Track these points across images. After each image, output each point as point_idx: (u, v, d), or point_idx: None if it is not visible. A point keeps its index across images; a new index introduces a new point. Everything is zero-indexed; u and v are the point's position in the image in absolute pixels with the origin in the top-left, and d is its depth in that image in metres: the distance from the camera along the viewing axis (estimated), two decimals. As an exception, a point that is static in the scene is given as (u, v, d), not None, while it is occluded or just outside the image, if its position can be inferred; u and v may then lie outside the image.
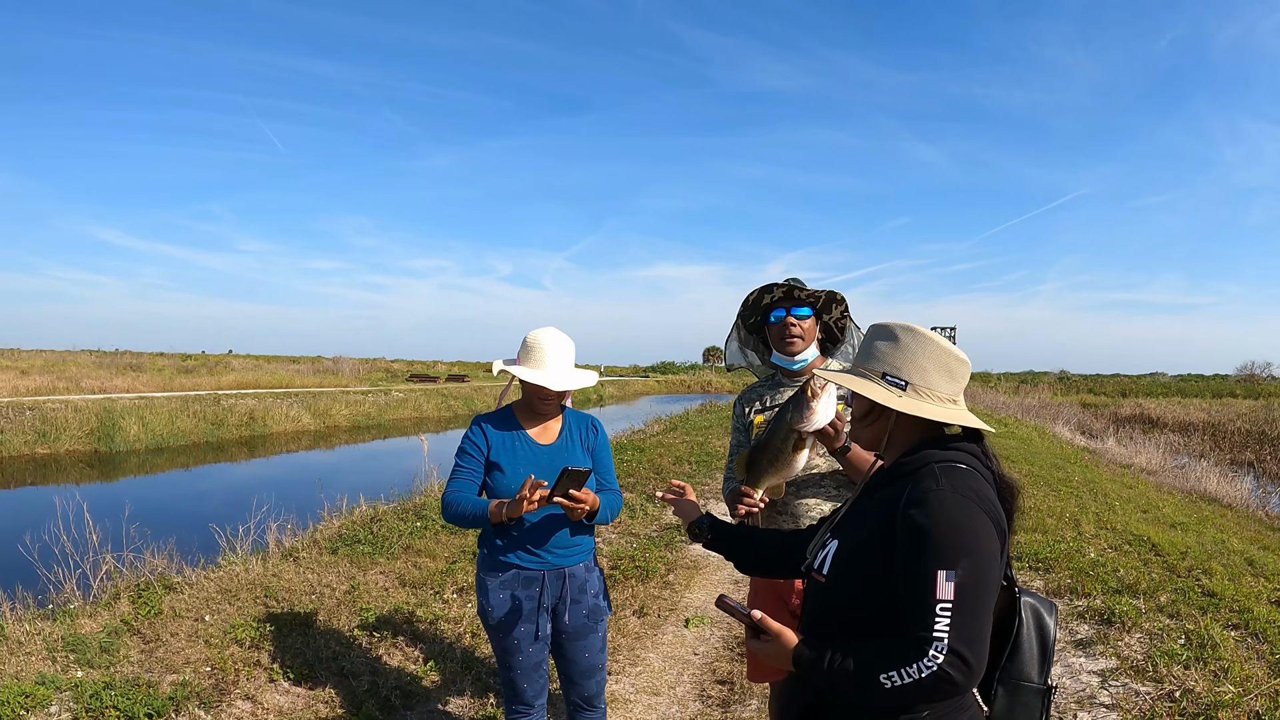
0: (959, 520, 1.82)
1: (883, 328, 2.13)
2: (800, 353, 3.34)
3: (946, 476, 1.89)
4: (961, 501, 1.84)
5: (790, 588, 3.38)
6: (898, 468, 2.02)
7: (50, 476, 19.42)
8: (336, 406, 34.99)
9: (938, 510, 1.83)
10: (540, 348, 3.40)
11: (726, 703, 5.02)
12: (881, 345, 2.10)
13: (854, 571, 1.98)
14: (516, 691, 3.55)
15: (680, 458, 15.64)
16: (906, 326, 2.09)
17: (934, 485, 1.87)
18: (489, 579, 3.45)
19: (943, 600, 1.76)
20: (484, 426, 3.50)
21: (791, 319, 3.30)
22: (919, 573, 1.80)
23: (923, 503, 1.85)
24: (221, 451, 24.95)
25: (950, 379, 2.06)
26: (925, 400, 2.03)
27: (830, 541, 2.11)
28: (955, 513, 1.82)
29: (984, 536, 1.83)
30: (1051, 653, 2.03)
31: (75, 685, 4.32)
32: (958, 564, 1.78)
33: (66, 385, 33.28)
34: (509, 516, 3.19)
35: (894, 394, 2.03)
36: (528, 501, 3.11)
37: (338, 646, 5.22)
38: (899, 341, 2.07)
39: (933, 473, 1.90)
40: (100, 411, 24.52)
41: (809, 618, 2.12)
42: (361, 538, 7.81)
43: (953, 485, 1.86)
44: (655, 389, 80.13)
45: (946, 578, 1.77)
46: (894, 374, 2.05)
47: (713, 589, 7.43)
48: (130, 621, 5.25)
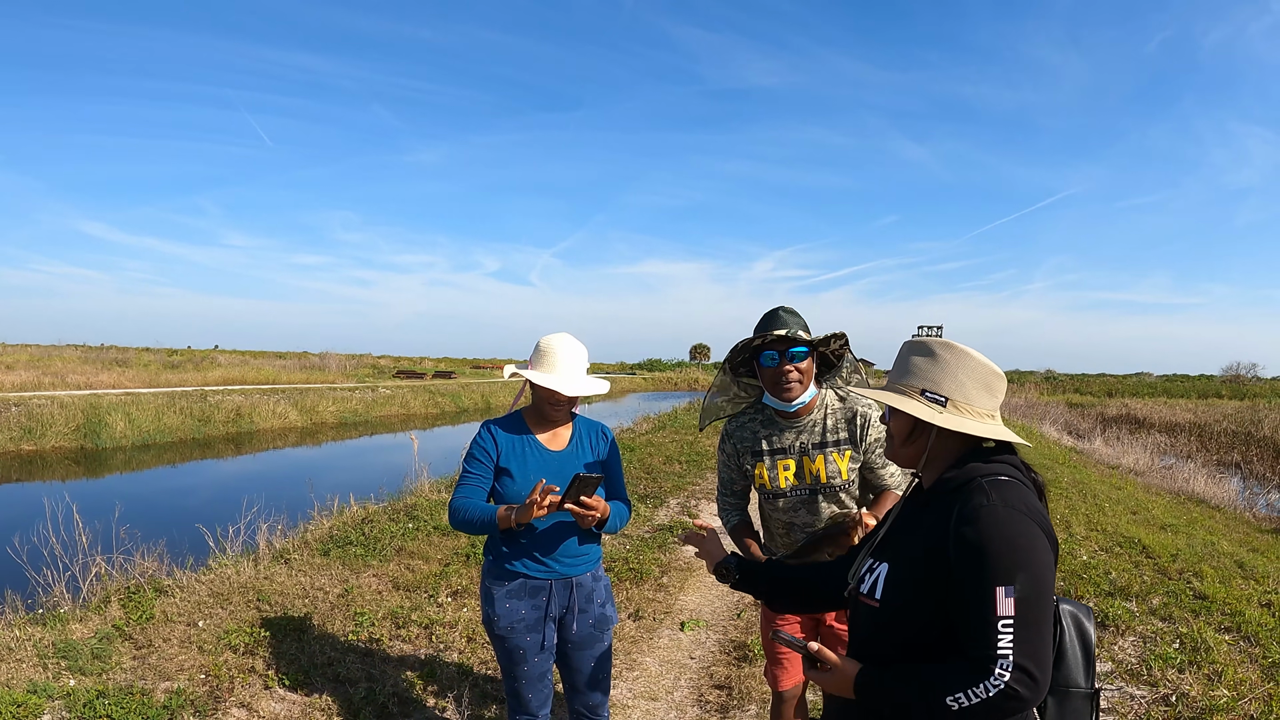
0: (1013, 534, 1.81)
1: (920, 344, 2.12)
2: (798, 397, 3.18)
3: (996, 491, 1.87)
4: (1014, 515, 1.83)
5: None
6: (941, 484, 2.01)
7: (36, 474, 19.27)
8: (324, 403, 34.82)
9: (991, 526, 1.82)
10: (553, 352, 3.37)
11: (725, 708, 5.00)
12: (920, 361, 2.09)
13: (909, 594, 1.95)
14: (521, 701, 3.52)
15: (670, 457, 15.62)
16: (944, 343, 2.09)
17: (984, 500, 1.85)
18: (495, 587, 3.42)
19: (1004, 617, 1.76)
20: (494, 431, 3.46)
21: (789, 366, 3.11)
22: (978, 590, 1.80)
23: (975, 519, 1.84)
24: (208, 448, 24.81)
25: (989, 394, 2.05)
26: (966, 416, 2.02)
27: (878, 565, 2.08)
28: (1009, 527, 1.81)
29: (1039, 549, 1.82)
30: (1094, 656, 2.03)
31: (68, 694, 4.26)
32: (1016, 578, 1.77)
33: (52, 380, 33.09)
34: (518, 522, 3.16)
35: (935, 410, 2.02)
36: (538, 507, 3.09)
37: (333, 652, 5.18)
38: (937, 357, 2.07)
39: (981, 488, 1.89)
40: (86, 408, 24.36)
41: (861, 643, 2.09)
42: (353, 539, 7.77)
43: (1003, 499, 1.85)
44: (643, 386, 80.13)
45: (1006, 593, 1.77)
46: (933, 390, 2.05)
47: (708, 591, 7.42)
48: (122, 627, 5.20)
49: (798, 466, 3.26)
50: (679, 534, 9.21)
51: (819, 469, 3.23)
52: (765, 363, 3.15)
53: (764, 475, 3.30)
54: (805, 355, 3.14)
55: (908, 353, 2.13)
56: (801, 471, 3.25)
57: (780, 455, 3.28)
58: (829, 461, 3.23)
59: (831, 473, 3.23)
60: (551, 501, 3.13)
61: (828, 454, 3.23)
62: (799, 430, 3.26)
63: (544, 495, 3.09)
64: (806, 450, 3.25)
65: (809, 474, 3.24)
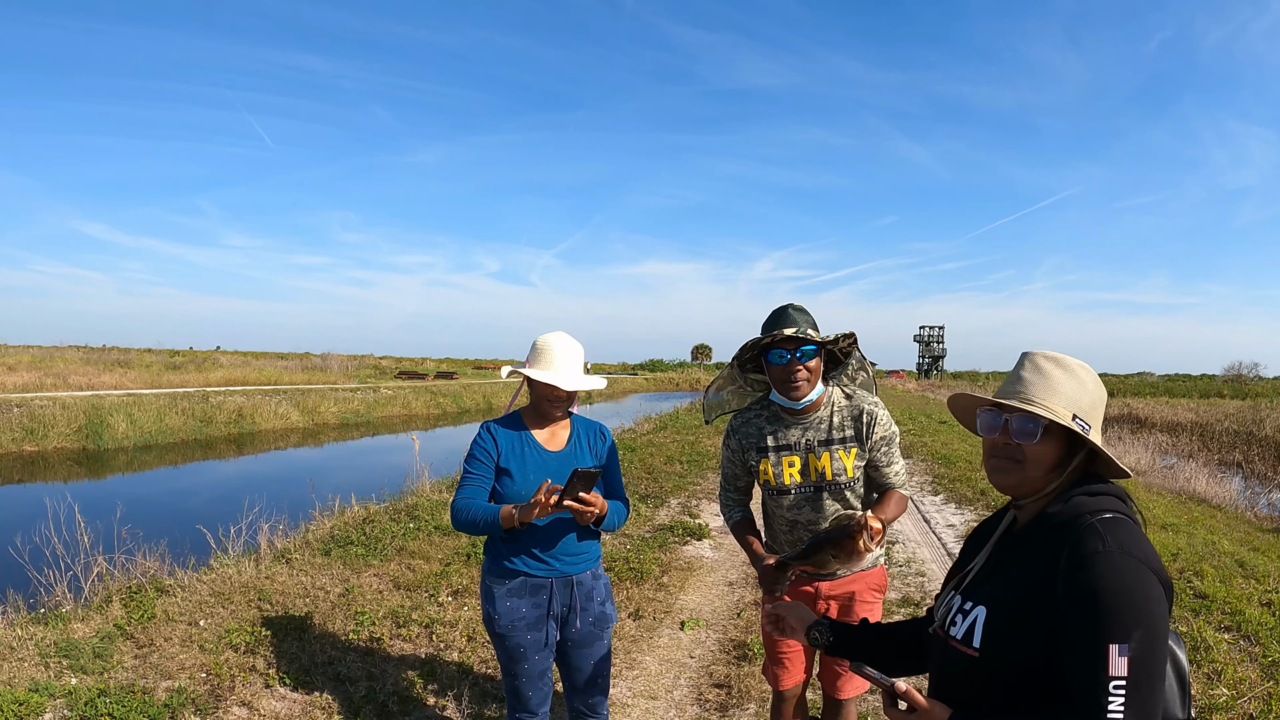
0: (1130, 586, 1.65)
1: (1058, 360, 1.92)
2: (806, 396, 3.20)
3: (1111, 534, 1.71)
4: (1130, 564, 1.67)
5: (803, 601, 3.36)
6: (1045, 519, 1.85)
7: (38, 474, 19.31)
8: (325, 404, 34.88)
9: (1107, 576, 1.66)
10: (550, 350, 3.39)
11: (724, 706, 5.01)
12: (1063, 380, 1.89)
13: (1011, 643, 1.79)
14: (521, 699, 3.53)
15: (671, 457, 15.63)
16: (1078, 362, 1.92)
17: (1100, 546, 1.69)
18: (496, 586, 3.43)
19: (1116, 678, 1.62)
20: (493, 431, 3.47)
21: (798, 366, 3.12)
22: (1089, 647, 1.65)
23: (1090, 566, 1.68)
24: (210, 449, 24.86)
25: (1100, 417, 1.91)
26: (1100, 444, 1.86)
27: (973, 608, 1.90)
28: (1126, 578, 1.66)
29: (1155, 600, 1.66)
30: (1189, 685, 1.88)
31: (69, 692, 4.28)
32: (1131, 636, 1.62)
33: (54, 382, 33.17)
34: (521, 522, 3.17)
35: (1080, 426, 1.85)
36: (541, 507, 3.10)
37: (334, 651, 5.19)
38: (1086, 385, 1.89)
39: (1094, 530, 1.72)
40: (88, 409, 24.42)
41: (949, 687, 1.94)
42: (354, 539, 7.78)
43: (1119, 544, 1.69)
44: (644, 387, 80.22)
45: (1119, 652, 1.62)
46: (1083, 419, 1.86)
47: (707, 590, 7.43)
48: (123, 626, 5.21)
49: (803, 463, 3.26)
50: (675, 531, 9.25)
51: (824, 466, 3.23)
52: (774, 360, 3.16)
53: (769, 471, 3.30)
54: (814, 354, 3.15)
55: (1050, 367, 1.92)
56: (807, 468, 3.26)
57: (785, 452, 3.28)
58: (834, 459, 3.23)
59: (837, 470, 3.23)
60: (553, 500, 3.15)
61: (833, 451, 3.24)
62: (805, 427, 3.26)
63: (548, 495, 3.10)
64: (812, 447, 3.25)
65: (814, 471, 3.25)
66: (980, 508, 11.40)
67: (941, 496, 12.66)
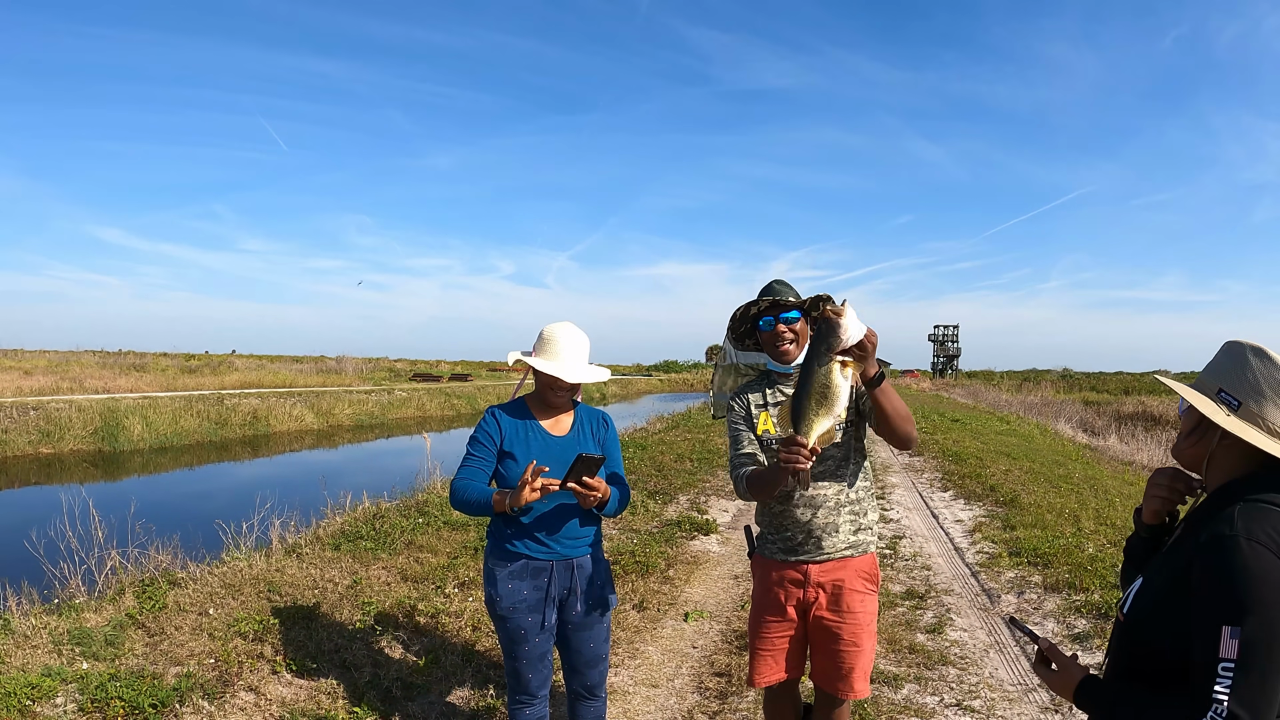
0: (1249, 570, 1.65)
1: (1234, 344, 1.95)
2: (794, 358, 3.36)
3: (1245, 519, 1.71)
4: (1256, 550, 1.66)
5: (793, 596, 3.40)
6: (1209, 502, 1.89)
7: (55, 476, 19.50)
8: (340, 406, 35.08)
9: (1227, 558, 1.68)
10: (555, 340, 3.46)
11: (724, 694, 5.07)
12: (1225, 362, 1.93)
13: (1150, 615, 1.86)
14: (521, 681, 3.59)
15: (682, 455, 15.69)
16: (1257, 348, 1.90)
17: (1228, 529, 1.71)
18: (497, 569, 3.49)
19: (1225, 659, 1.64)
20: (498, 416, 3.55)
21: (782, 326, 3.31)
22: (1205, 627, 1.68)
23: (1214, 549, 1.71)
24: (225, 450, 25.04)
25: None
26: (1253, 426, 1.84)
27: (1138, 578, 1.98)
28: (1247, 561, 1.66)
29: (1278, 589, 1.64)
30: None
31: (81, 677, 4.38)
32: (1244, 619, 1.63)
33: (70, 385, 33.36)
34: (512, 506, 3.23)
35: (1221, 410, 1.87)
36: (530, 488, 3.17)
37: (340, 639, 5.27)
38: (1244, 360, 1.90)
39: (1232, 515, 1.73)
40: (104, 411, 24.61)
41: (1110, 654, 2.02)
42: (364, 534, 7.87)
43: (1248, 530, 1.69)
44: (658, 387, 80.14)
45: (1231, 634, 1.64)
46: (1230, 391, 1.88)
47: (712, 583, 7.49)
48: (135, 615, 5.31)
49: None
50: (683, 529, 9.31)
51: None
52: (763, 327, 3.34)
53: (768, 423, 3.38)
54: (797, 318, 3.31)
55: (1222, 353, 1.96)
56: None
57: (783, 404, 3.36)
58: None
59: None
60: (546, 485, 3.22)
61: None
62: None
63: (534, 476, 3.18)
64: None
65: None
66: (990, 504, 11.42)
67: (951, 493, 12.67)
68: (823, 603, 3.39)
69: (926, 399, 48.30)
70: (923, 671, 5.43)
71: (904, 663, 5.57)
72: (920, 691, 5.13)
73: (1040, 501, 11.11)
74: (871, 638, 3.44)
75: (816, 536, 3.32)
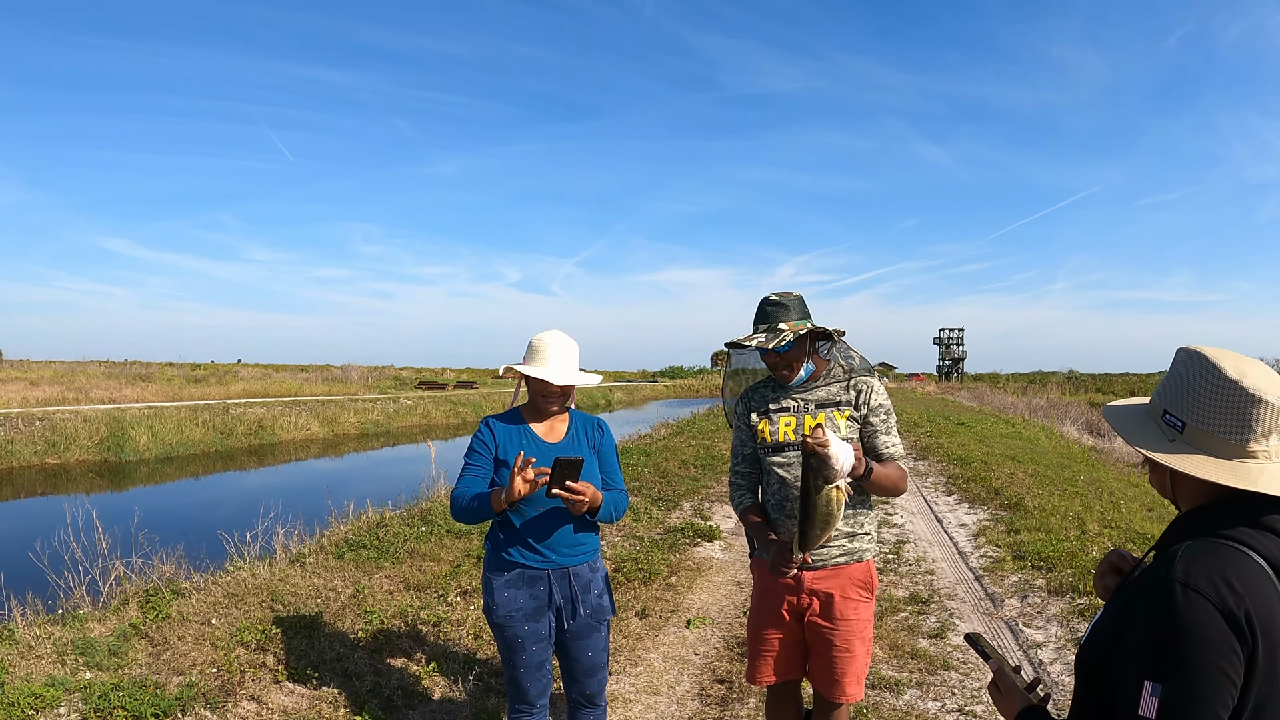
0: (1180, 622, 1.49)
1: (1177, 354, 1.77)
2: (794, 378, 3.37)
3: (1188, 561, 1.56)
4: (1190, 599, 1.50)
5: (786, 600, 3.42)
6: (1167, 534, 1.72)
7: (60, 486, 19.54)
8: (345, 414, 35.13)
9: (1160, 606, 1.53)
10: (544, 347, 3.48)
11: (725, 701, 5.08)
12: (1169, 377, 1.76)
13: (1098, 651, 1.71)
14: (520, 690, 3.60)
15: (686, 461, 15.70)
16: (1192, 353, 1.72)
17: (1167, 573, 1.55)
18: (494, 578, 3.50)
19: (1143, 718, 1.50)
20: (492, 425, 3.58)
21: (775, 359, 3.32)
22: (1129, 678, 1.55)
23: (1148, 592, 1.57)
24: (230, 460, 25.10)
25: (1238, 422, 1.64)
26: (1195, 450, 1.67)
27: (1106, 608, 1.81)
28: (1179, 613, 1.50)
29: (1211, 646, 1.48)
30: None
31: (84, 687, 4.40)
32: (1167, 677, 1.49)
33: (76, 396, 33.50)
34: (508, 501, 3.25)
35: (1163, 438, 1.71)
36: (521, 478, 3.19)
37: (342, 648, 5.29)
38: (1181, 371, 1.73)
39: (1174, 555, 1.59)
40: (110, 421, 24.68)
41: None
42: (367, 543, 7.88)
43: (1187, 575, 1.53)
44: (664, 394, 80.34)
45: (1152, 691, 1.50)
46: (1174, 412, 1.71)
47: (715, 590, 7.50)
48: (139, 625, 5.32)
49: (798, 422, 3.36)
50: (686, 535, 9.31)
51: (819, 424, 3.32)
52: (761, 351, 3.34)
53: (765, 430, 3.41)
54: (787, 348, 3.28)
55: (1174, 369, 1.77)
56: (801, 427, 3.35)
57: (783, 413, 3.39)
58: (829, 418, 3.33)
59: (830, 428, 3.31)
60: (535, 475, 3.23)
61: (828, 412, 3.34)
62: (805, 395, 3.40)
63: (524, 466, 3.20)
64: (807, 408, 3.37)
65: (809, 429, 3.32)
66: (994, 507, 11.42)
67: (955, 496, 12.67)
68: (816, 608, 3.40)
69: (932, 402, 48.26)
70: (925, 677, 5.43)
71: (906, 668, 5.57)
72: (922, 697, 5.13)
73: (1045, 505, 11.10)
74: (865, 643, 3.45)
75: None
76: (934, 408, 39.98)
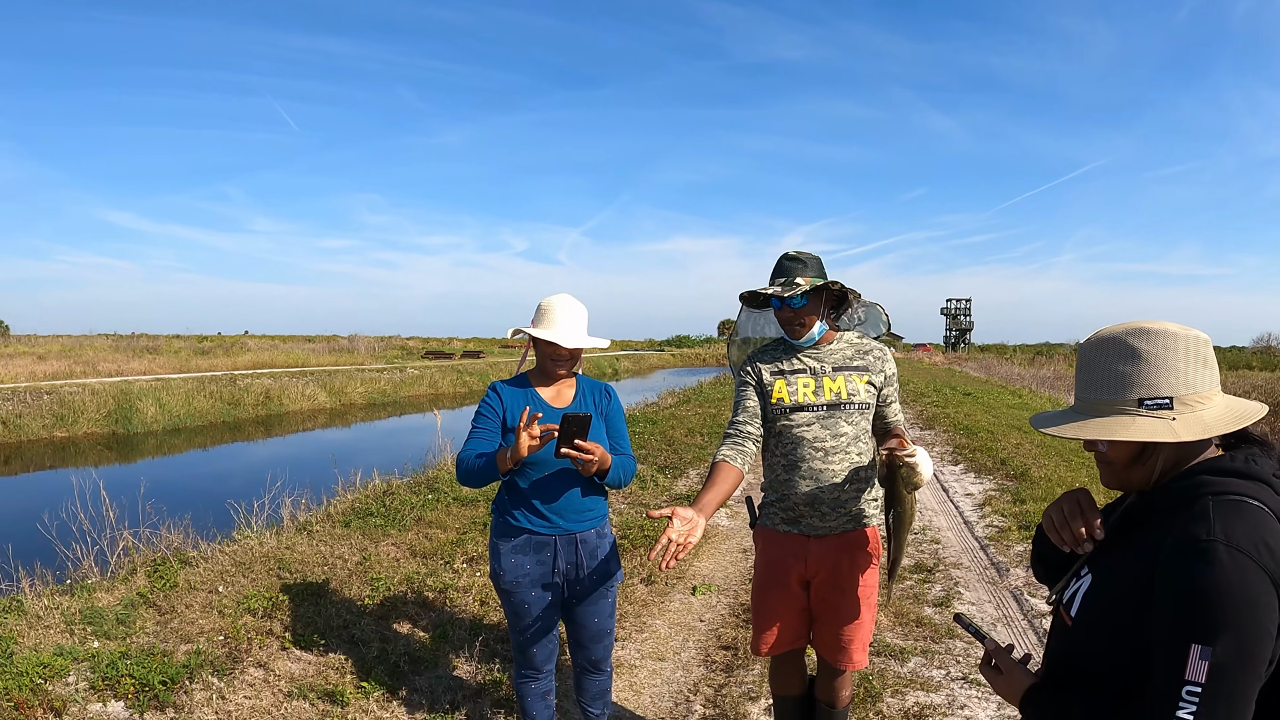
0: (1228, 584, 1.47)
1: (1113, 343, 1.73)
2: (805, 335, 3.31)
3: (1223, 521, 1.54)
4: (1236, 560, 1.49)
5: (793, 569, 3.42)
6: (1165, 494, 1.69)
7: (69, 459, 19.59)
8: (352, 384, 35.13)
9: (1203, 570, 1.50)
10: (552, 309, 3.45)
11: (730, 667, 5.10)
12: (1121, 368, 1.70)
13: (1101, 620, 1.70)
14: (526, 655, 3.61)
15: (693, 429, 15.71)
16: (1139, 331, 1.70)
17: (1205, 534, 1.52)
18: (501, 544, 3.50)
19: (1191, 682, 1.48)
20: (499, 390, 3.55)
21: (790, 313, 3.26)
22: (1171, 643, 1.52)
23: (1189, 555, 1.53)
24: (238, 431, 25.13)
25: (1206, 367, 1.67)
26: (1198, 409, 1.66)
27: (1085, 576, 1.79)
28: (1225, 575, 1.48)
29: (1258, 606, 1.47)
30: None
31: (92, 656, 4.43)
32: (1216, 640, 1.46)
33: (83, 369, 33.51)
34: (514, 460, 3.20)
35: (1165, 421, 1.65)
36: (527, 434, 3.15)
37: (349, 615, 5.31)
38: (1141, 354, 1.69)
39: (1205, 515, 1.56)
40: (117, 394, 24.71)
41: (1051, 655, 1.87)
42: (374, 511, 7.92)
43: (1228, 535, 1.51)
44: (670, 362, 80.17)
45: (1200, 655, 1.47)
46: (1152, 395, 1.67)
47: (720, 557, 7.51)
48: (146, 594, 5.35)
49: (816, 385, 3.32)
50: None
51: (839, 388, 3.29)
52: (774, 304, 3.29)
53: (783, 390, 3.33)
54: (804, 301, 3.23)
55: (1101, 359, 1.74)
56: (821, 390, 3.31)
57: (801, 374, 3.34)
58: (849, 381, 3.31)
59: (851, 390, 3.29)
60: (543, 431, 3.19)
61: (848, 375, 3.32)
62: (819, 357, 3.35)
63: (530, 422, 3.16)
64: (826, 371, 3.33)
65: (829, 391, 3.30)
66: (1000, 477, 11.40)
67: (961, 466, 12.66)
68: (823, 575, 3.38)
69: (939, 373, 48.21)
70: (929, 645, 5.44)
71: (911, 636, 5.58)
72: (926, 664, 5.14)
73: (1051, 475, 11.09)
74: (871, 610, 3.45)
75: (819, 509, 3.31)
76: (941, 378, 39.93)
